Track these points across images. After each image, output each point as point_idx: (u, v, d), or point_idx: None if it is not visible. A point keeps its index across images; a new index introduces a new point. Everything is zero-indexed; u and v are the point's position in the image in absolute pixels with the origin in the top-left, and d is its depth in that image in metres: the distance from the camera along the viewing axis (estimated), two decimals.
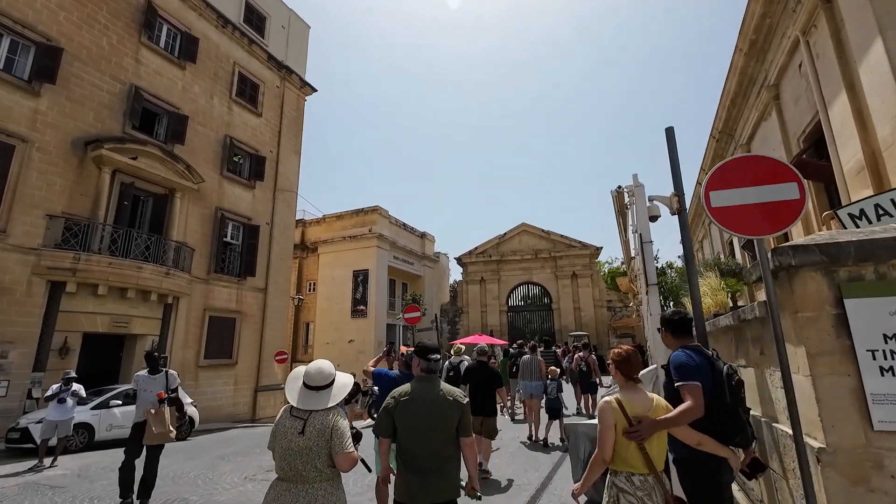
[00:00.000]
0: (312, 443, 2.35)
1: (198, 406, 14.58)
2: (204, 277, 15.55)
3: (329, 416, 2.44)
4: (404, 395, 2.70)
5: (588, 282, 29.38)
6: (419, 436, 2.60)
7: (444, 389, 2.74)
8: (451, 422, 2.63)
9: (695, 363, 2.52)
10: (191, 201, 15.32)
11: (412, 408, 2.64)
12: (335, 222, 27.60)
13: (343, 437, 2.38)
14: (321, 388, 2.53)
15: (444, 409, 2.64)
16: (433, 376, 2.83)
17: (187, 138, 15.38)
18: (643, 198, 4.34)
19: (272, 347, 17.78)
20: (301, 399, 2.50)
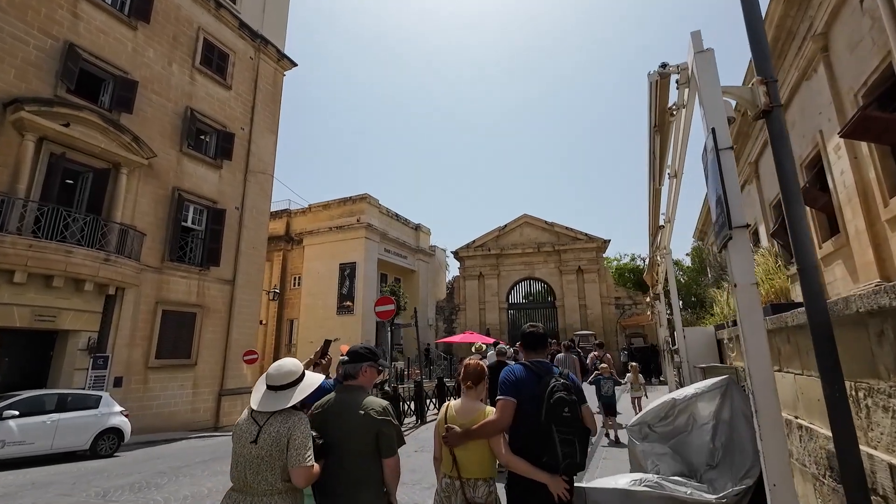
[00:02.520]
0: (265, 452, 2.08)
1: (146, 414, 12.75)
2: (157, 266, 13.66)
3: (287, 423, 2.14)
4: (319, 407, 2.36)
5: (595, 277, 27.28)
6: (334, 453, 2.22)
7: (364, 401, 2.28)
8: (363, 439, 2.21)
9: (514, 378, 2.53)
10: (141, 179, 13.42)
11: (326, 419, 2.29)
12: (321, 212, 25.71)
13: (301, 448, 2.07)
14: (282, 387, 2.25)
15: (355, 423, 2.22)
16: (348, 385, 2.40)
17: (138, 107, 13.49)
18: (713, 70, 2.32)
19: (240, 346, 15.88)
20: (261, 400, 2.22)
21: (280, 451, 2.07)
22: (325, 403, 2.34)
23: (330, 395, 2.38)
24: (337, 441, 2.22)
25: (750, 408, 3.05)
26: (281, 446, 2.08)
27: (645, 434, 3.03)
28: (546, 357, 2.71)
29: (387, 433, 2.22)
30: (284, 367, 2.31)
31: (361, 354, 2.46)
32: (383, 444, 2.21)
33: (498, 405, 2.44)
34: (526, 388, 2.45)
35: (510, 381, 2.50)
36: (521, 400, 2.42)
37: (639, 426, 3.09)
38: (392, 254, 26.50)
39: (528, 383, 2.46)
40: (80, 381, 11.30)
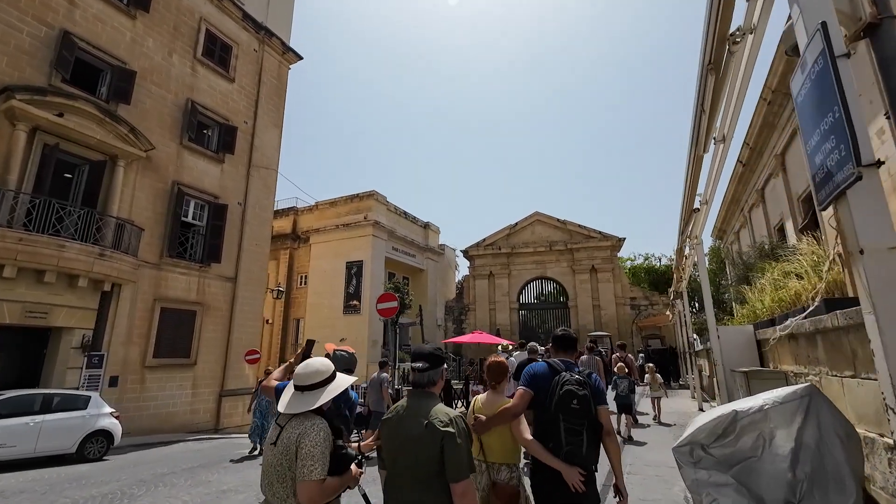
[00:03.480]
0: (277, 460, 1.87)
1: (143, 415, 12.31)
2: (155, 262, 13.23)
3: (299, 429, 1.88)
4: (388, 415, 2.09)
5: (609, 276, 26.37)
6: (392, 472, 1.98)
7: (428, 408, 1.95)
8: (425, 455, 1.85)
9: (533, 372, 2.67)
10: (139, 172, 13.01)
11: (391, 432, 2.01)
12: (328, 209, 25.22)
13: (308, 458, 1.79)
14: (309, 387, 2.03)
15: (414, 437, 1.89)
16: (420, 391, 2.09)
17: (136, 98, 13.09)
18: None
19: (242, 346, 15.38)
20: (288, 402, 2.02)
21: (289, 459, 1.84)
22: (394, 411, 2.09)
23: (402, 402, 2.14)
24: (394, 455, 1.96)
25: (845, 427, 2.35)
26: (290, 455, 1.85)
27: (698, 458, 2.33)
28: (574, 359, 2.83)
29: (452, 449, 1.84)
30: (312, 367, 2.10)
31: (438, 357, 2.16)
32: (449, 463, 1.83)
33: (516, 394, 2.64)
34: (543, 381, 2.60)
35: (529, 375, 2.69)
36: (538, 392, 2.59)
37: (689, 447, 2.39)
38: (400, 252, 25.92)
39: (546, 378, 2.61)
40: (73, 380, 10.88)
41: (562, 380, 2.52)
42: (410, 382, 2.16)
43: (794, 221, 12.02)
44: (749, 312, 8.67)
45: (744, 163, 15.51)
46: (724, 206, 18.98)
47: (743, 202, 17.52)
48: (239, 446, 10.78)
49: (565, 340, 2.85)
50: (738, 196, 17.31)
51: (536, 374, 2.67)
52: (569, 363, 2.71)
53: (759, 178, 14.72)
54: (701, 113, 2.95)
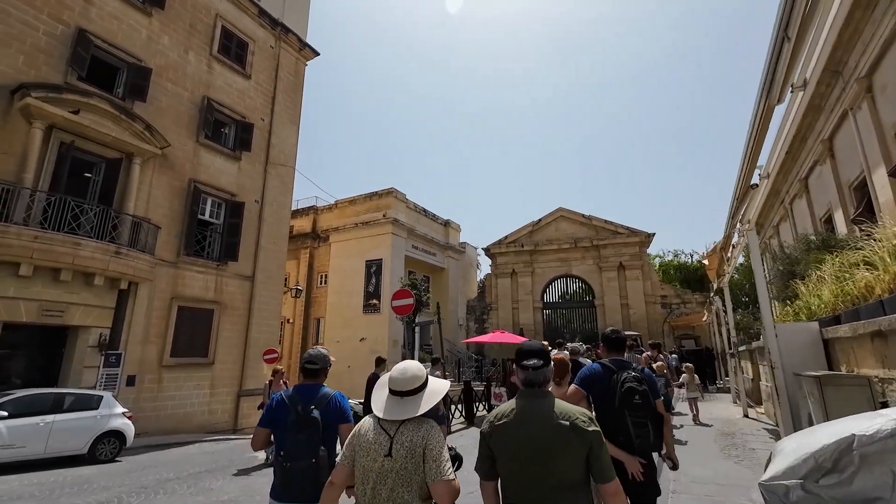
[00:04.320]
0: (400, 465, 1.86)
1: (161, 415, 12.18)
2: (172, 260, 13.12)
3: (420, 431, 1.94)
4: (502, 417, 1.96)
5: (638, 274, 25.22)
6: (524, 478, 1.84)
7: (559, 409, 1.89)
8: (570, 459, 1.79)
9: (588, 374, 2.94)
10: (156, 170, 12.92)
11: (511, 435, 1.89)
12: (347, 208, 24.98)
13: (439, 459, 1.85)
14: (408, 393, 2.03)
15: (555, 438, 1.80)
16: (537, 391, 1.98)
17: (152, 96, 13.02)
18: None
19: (260, 345, 15.18)
20: (387, 407, 2.02)
21: (416, 463, 1.87)
22: (509, 412, 1.99)
23: (509, 404, 2.04)
24: (527, 460, 1.85)
25: None
26: (416, 458, 1.87)
27: (797, 499, 1.68)
28: (623, 356, 3.01)
29: (601, 449, 1.85)
30: (410, 371, 2.10)
31: (548, 354, 2.08)
32: (597, 465, 1.83)
33: (569, 391, 2.89)
34: (599, 381, 2.82)
35: (584, 376, 2.91)
36: (595, 392, 2.84)
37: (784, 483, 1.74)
38: (420, 250, 25.46)
39: (601, 378, 2.82)
40: (90, 379, 10.80)
41: (621, 378, 2.74)
42: (523, 381, 2.03)
43: (844, 211, 11.01)
44: (802, 308, 7.78)
45: (785, 150, 14.37)
46: (761, 199, 17.73)
47: (783, 193, 16.29)
48: None
49: (616, 341, 3.03)
50: (778, 186, 16.04)
51: (592, 374, 2.90)
52: (622, 362, 2.90)
53: (803, 166, 13.61)
54: (783, 41, 2.19)
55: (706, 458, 6.23)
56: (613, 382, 2.77)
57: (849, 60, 9.86)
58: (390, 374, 2.11)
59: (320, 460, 2.42)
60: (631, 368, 2.86)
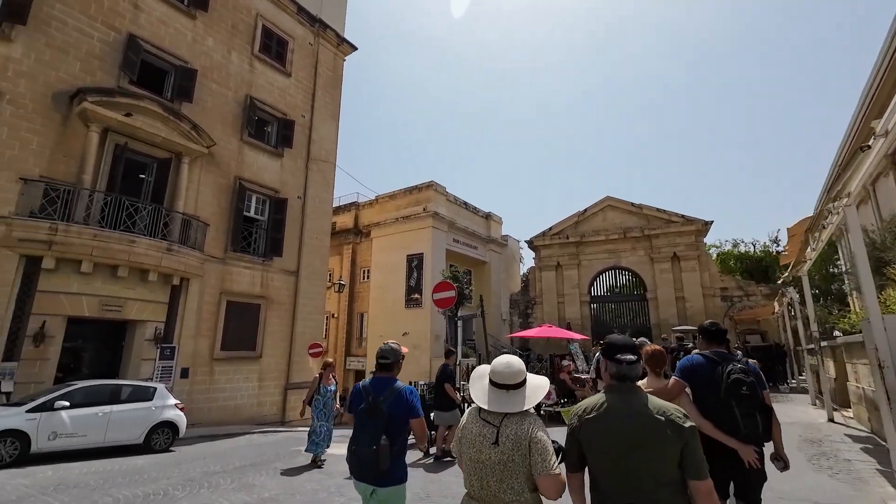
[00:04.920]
0: (507, 457, 1.92)
1: (212, 407, 12.54)
2: (220, 257, 13.46)
3: (524, 423, 1.98)
4: (591, 411, 1.96)
5: (694, 265, 23.54)
6: (617, 473, 1.84)
7: (654, 405, 1.88)
8: (665, 454, 1.77)
9: (690, 365, 3.03)
10: (203, 168, 13.28)
11: (602, 430, 1.89)
12: (388, 202, 24.98)
13: (546, 453, 1.88)
14: (512, 386, 2.08)
15: (650, 433, 1.80)
16: (630, 385, 1.98)
17: (198, 97, 13.36)
18: None
19: (305, 339, 15.37)
20: (492, 399, 2.07)
21: (522, 455, 1.90)
22: (598, 406, 1.97)
23: (596, 398, 2.04)
24: (625, 454, 1.81)
25: None
26: (523, 450, 1.90)
27: None
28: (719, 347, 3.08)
29: (697, 445, 1.80)
30: (515, 365, 2.14)
31: (636, 347, 2.10)
32: (692, 461, 1.77)
33: (671, 382, 3.05)
34: (702, 373, 2.94)
35: (686, 368, 3.03)
36: (697, 383, 2.95)
37: None
38: (461, 244, 25.06)
39: (704, 369, 2.94)
40: (148, 371, 11.24)
41: (727, 370, 2.80)
42: (615, 376, 2.01)
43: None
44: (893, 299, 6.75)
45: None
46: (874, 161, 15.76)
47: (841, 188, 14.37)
48: (301, 441, 10.51)
49: (716, 333, 3.10)
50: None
51: (693, 365, 2.97)
52: (724, 354, 2.95)
53: None
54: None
55: (794, 468, 5.42)
56: (718, 374, 2.83)
57: None
58: (493, 368, 2.13)
59: (381, 448, 2.57)
60: (735, 360, 2.92)
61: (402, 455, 2.78)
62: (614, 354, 2.01)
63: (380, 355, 2.94)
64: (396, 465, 2.70)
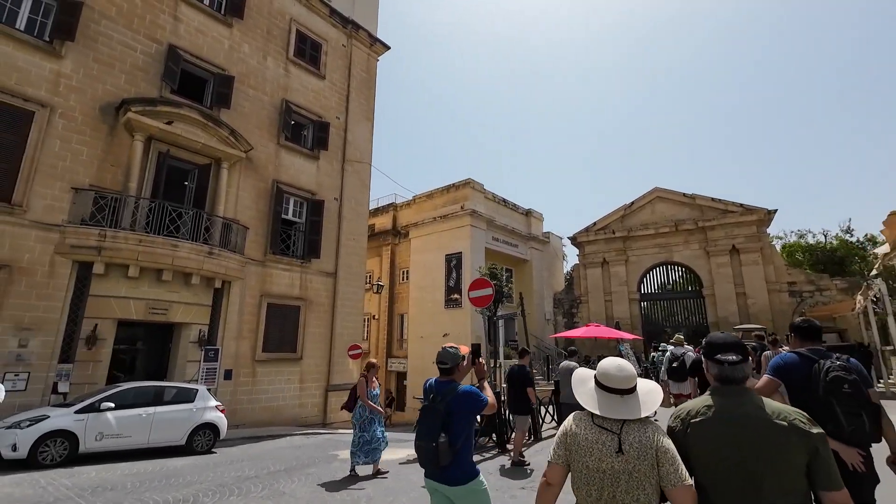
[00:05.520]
0: (632, 466, 1.79)
1: (255, 407, 12.66)
2: (260, 259, 13.62)
3: (648, 431, 1.85)
4: (697, 415, 1.84)
5: (757, 258, 21.65)
6: (728, 484, 1.70)
7: (772, 409, 1.75)
8: (791, 463, 1.65)
9: (782, 364, 2.91)
10: (242, 173, 13.49)
11: (711, 434, 1.77)
12: (426, 202, 24.72)
13: (676, 463, 1.75)
14: (626, 391, 1.96)
15: (769, 438, 1.67)
16: (739, 388, 1.85)
17: (236, 102, 13.60)
18: None
19: (345, 340, 15.33)
20: (602, 405, 1.95)
21: (650, 465, 1.78)
22: (705, 409, 1.83)
23: (704, 399, 1.89)
24: (739, 462, 1.68)
25: None
26: (650, 460, 1.78)
27: None
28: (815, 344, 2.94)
29: (828, 453, 1.67)
30: (627, 369, 2.02)
31: (746, 347, 1.92)
32: (823, 471, 1.64)
33: (763, 381, 2.92)
34: (796, 371, 2.81)
35: (778, 366, 2.91)
36: (792, 382, 2.82)
37: None
38: (501, 242, 24.40)
39: (798, 367, 2.81)
40: (193, 372, 11.48)
41: (824, 367, 2.69)
42: (718, 378, 1.89)
43: None
44: None
45: None
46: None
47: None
48: (341, 444, 10.35)
49: (809, 330, 2.99)
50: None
51: (787, 364, 2.88)
52: (822, 351, 2.84)
53: None
54: None
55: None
56: (815, 372, 2.73)
57: None
58: (604, 371, 2.03)
59: (440, 445, 2.62)
60: (835, 357, 2.78)
61: (467, 452, 2.80)
62: (714, 354, 1.90)
63: (439, 360, 2.95)
64: (460, 461, 2.73)
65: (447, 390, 2.84)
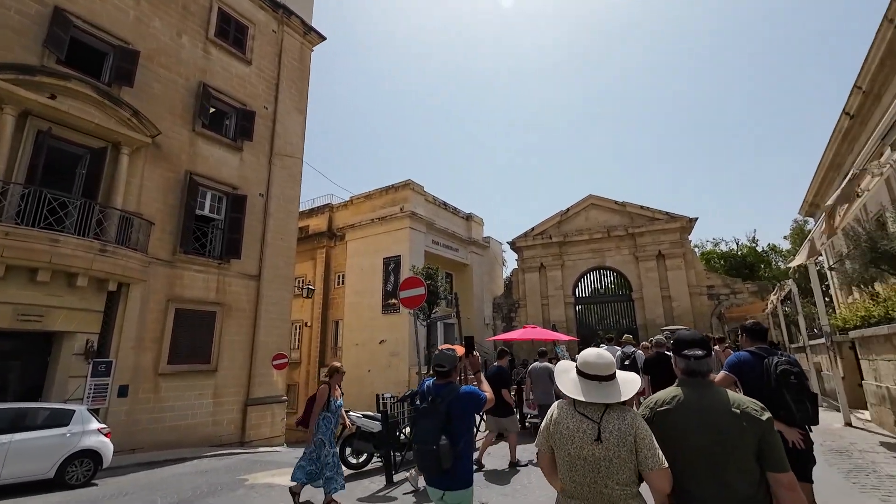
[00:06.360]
0: (612, 453, 1.87)
1: (159, 427, 11.09)
2: (168, 259, 12.05)
3: (626, 419, 1.93)
4: (664, 404, 2.01)
5: (680, 263, 22.94)
6: (693, 466, 1.87)
7: (731, 398, 1.93)
8: (744, 445, 1.81)
9: (737, 361, 3.27)
10: (148, 161, 11.89)
11: (676, 422, 1.94)
12: (363, 203, 23.75)
13: (653, 447, 1.86)
14: (605, 378, 2.04)
15: (728, 425, 1.85)
16: (704, 381, 2.02)
17: (143, 82, 12.02)
18: None
19: (269, 349, 14.00)
20: (585, 392, 2.02)
21: (629, 451, 1.87)
22: (672, 399, 1.99)
23: (671, 391, 2.05)
24: (700, 448, 1.86)
25: None
26: (629, 446, 1.87)
27: None
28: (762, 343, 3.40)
29: (775, 438, 1.84)
30: (606, 357, 2.11)
31: (709, 343, 2.13)
32: (770, 455, 1.81)
33: (721, 376, 3.22)
34: (750, 367, 3.17)
35: (734, 363, 3.27)
36: (746, 377, 3.17)
37: None
38: (441, 245, 23.98)
39: (751, 363, 3.18)
40: (74, 390, 9.76)
41: (773, 362, 3.07)
42: (685, 371, 2.04)
43: None
44: None
45: (852, 114, 12.12)
46: (818, 173, 15.31)
47: (847, 168, 13.90)
48: (257, 466, 9.19)
49: (758, 331, 3.46)
50: (841, 160, 13.68)
51: (741, 361, 3.24)
52: (769, 349, 3.28)
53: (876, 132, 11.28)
54: None
55: (835, 492, 4.44)
56: (766, 366, 3.07)
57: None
58: (584, 360, 2.10)
59: (441, 448, 2.61)
60: (780, 353, 3.17)
61: (467, 456, 2.78)
62: (682, 350, 2.05)
63: (437, 363, 2.93)
64: (461, 465, 2.71)
65: (446, 392, 2.82)
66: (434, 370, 2.96)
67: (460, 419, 2.76)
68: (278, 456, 11.02)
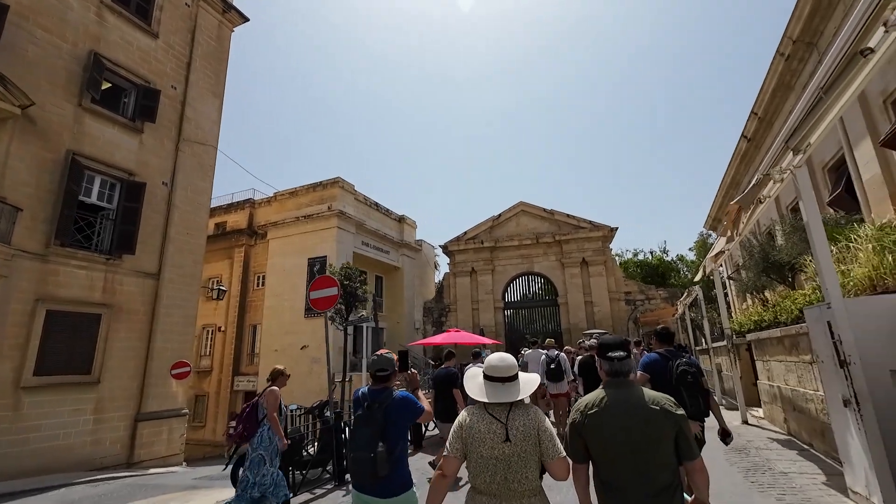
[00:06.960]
0: (520, 448, 2.05)
1: (21, 451, 9.37)
2: (39, 252, 10.26)
3: (529, 415, 2.14)
4: (593, 407, 2.13)
5: (601, 270, 24.13)
6: (621, 461, 2.01)
7: (649, 397, 2.10)
8: (663, 439, 1.99)
9: (649, 361, 3.91)
10: (17, 136, 10.07)
11: (605, 422, 2.07)
12: (288, 200, 22.33)
13: (554, 439, 2.09)
14: (507, 379, 2.23)
15: (649, 421, 2.01)
16: (624, 380, 2.19)
17: (14, 43, 10.20)
18: None
19: (168, 357, 12.45)
20: (489, 394, 2.20)
21: (533, 445, 2.05)
22: (599, 401, 2.13)
23: (596, 393, 2.19)
24: (627, 443, 2.00)
25: None
26: (533, 440, 2.05)
27: None
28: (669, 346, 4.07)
29: (688, 429, 2.03)
30: (508, 360, 2.28)
31: (629, 346, 2.31)
32: (684, 444, 2.00)
33: (639, 376, 3.81)
34: (658, 367, 3.81)
35: (647, 364, 3.89)
36: (656, 375, 3.74)
37: None
38: (371, 247, 23.20)
39: (659, 364, 3.83)
40: None
41: (675, 363, 3.73)
42: (609, 372, 2.20)
43: (818, 196, 10.05)
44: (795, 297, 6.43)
45: (749, 137, 13.44)
46: (720, 191, 16.88)
47: (744, 187, 15.41)
48: (149, 489, 7.97)
49: (667, 335, 4.09)
50: (740, 178, 15.19)
51: (652, 362, 3.88)
52: (674, 351, 3.92)
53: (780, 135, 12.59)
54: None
55: (732, 489, 4.52)
56: (670, 367, 3.73)
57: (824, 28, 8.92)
58: (489, 364, 2.27)
59: (378, 455, 2.56)
60: (682, 356, 3.84)
61: (403, 462, 2.74)
62: (606, 353, 2.24)
63: (378, 368, 2.86)
64: (397, 471, 2.66)
65: (383, 397, 2.76)
66: (374, 374, 2.85)
67: (397, 425, 2.71)
68: (172, 478, 9.73)
